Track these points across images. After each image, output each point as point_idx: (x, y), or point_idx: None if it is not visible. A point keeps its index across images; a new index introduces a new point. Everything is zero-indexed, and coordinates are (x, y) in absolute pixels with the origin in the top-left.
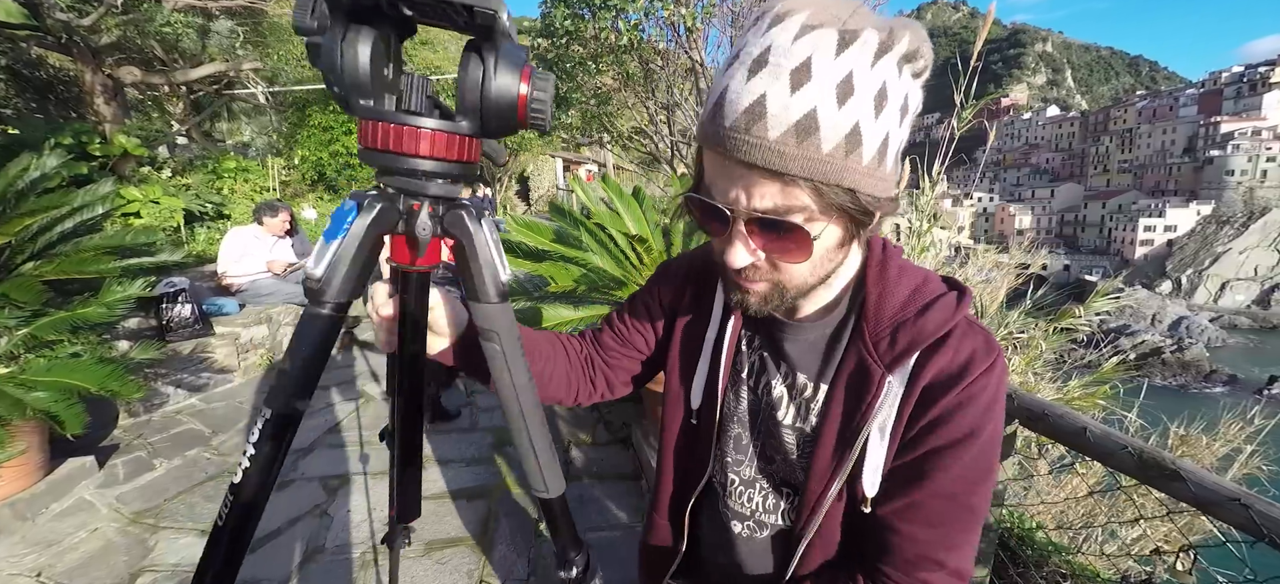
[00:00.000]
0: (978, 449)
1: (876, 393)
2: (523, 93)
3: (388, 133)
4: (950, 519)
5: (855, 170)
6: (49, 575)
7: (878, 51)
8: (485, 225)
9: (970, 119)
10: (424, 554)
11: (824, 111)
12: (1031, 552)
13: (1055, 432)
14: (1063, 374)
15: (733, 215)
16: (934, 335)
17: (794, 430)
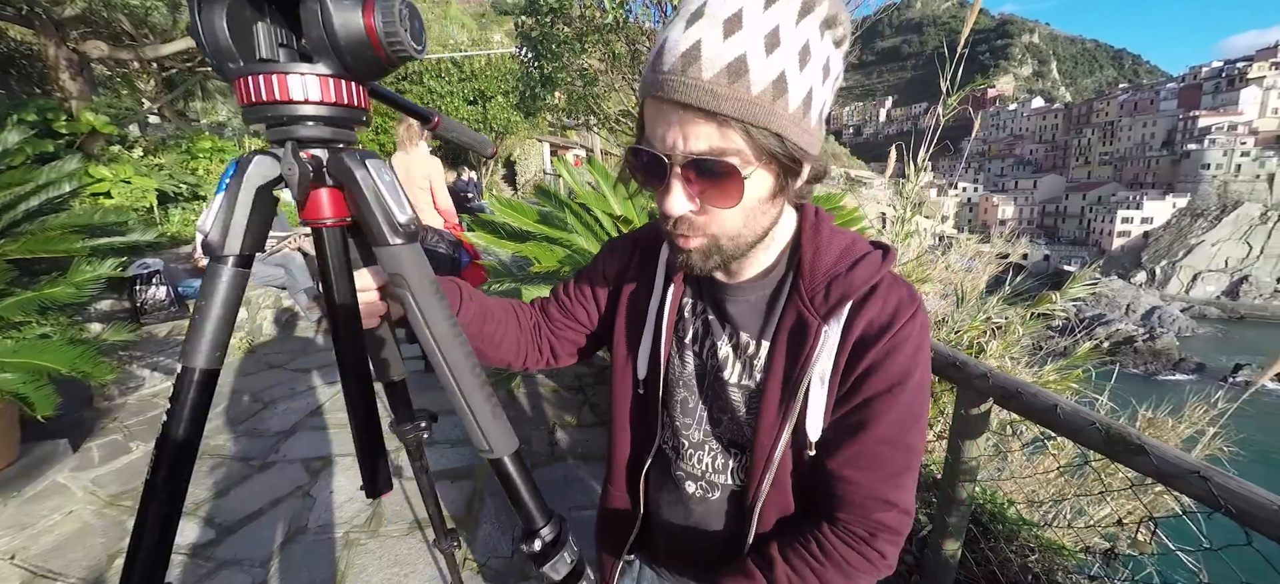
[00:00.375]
0: (910, 393)
1: (814, 343)
2: (370, 24)
3: (249, 85)
4: (892, 461)
5: (782, 116)
6: (23, 558)
7: (801, 11)
8: (373, 167)
9: (956, 107)
10: (408, 533)
11: (753, 57)
12: (1002, 527)
13: (1028, 409)
14: (1039, 359)
15: (670, 162)
16: (863, 287)
17: (741, 388)
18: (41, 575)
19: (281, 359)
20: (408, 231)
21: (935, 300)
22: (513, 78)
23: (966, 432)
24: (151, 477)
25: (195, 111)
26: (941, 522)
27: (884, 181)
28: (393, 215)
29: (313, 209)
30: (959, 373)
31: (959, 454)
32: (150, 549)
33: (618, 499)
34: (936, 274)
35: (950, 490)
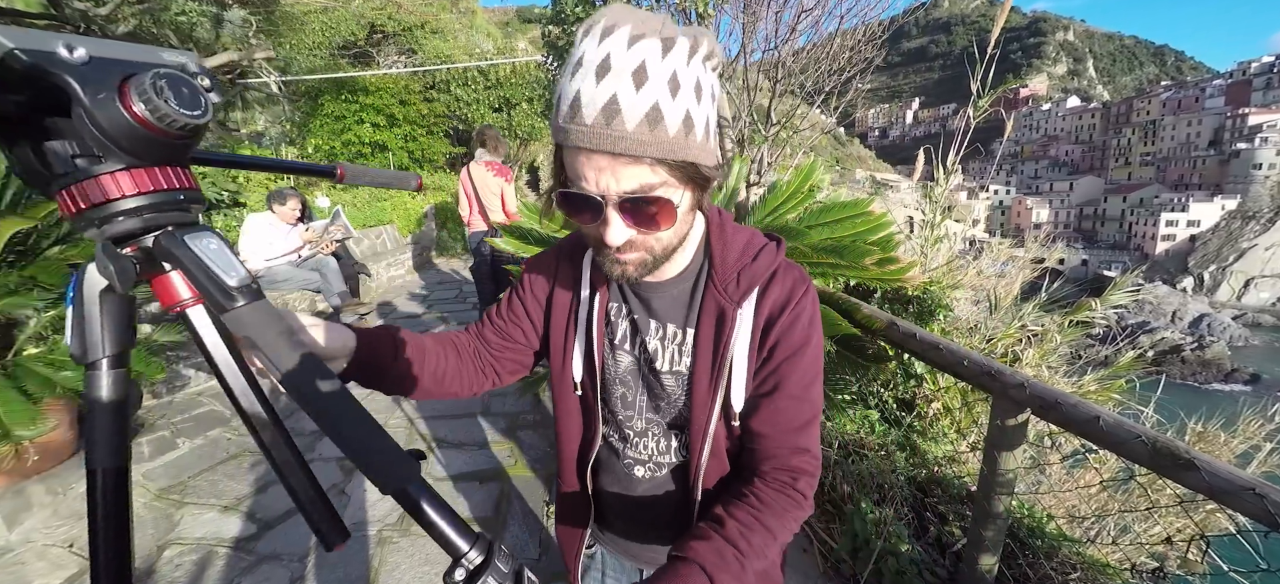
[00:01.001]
0: (810, 356)
1: (732, 325)
2: (132, 111)
3: (62, 200)
4: (800, 413)
5: (693, 146)
6: (80, 547)
7: (690, 52)
8: (193, 241)
9: (987, 109)
10: None
11: (664, 103)
12: (1042, 543)
13: (1068, 421)
14: (1078, 369)
15: (605, 201)
16: (765, 274)
17: (673, 374)
18: None
19: None
20: (245, 292)
21: (966, 307)
22: (538, 85)
23: (1002, 443)
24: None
25: (235, 122)
26: (977, 535)
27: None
28: (222, 282)
29: (168, 296)
30: (994, 382)
31: (995, 466)
32: None
33: (568, 488)
34: (967, 280)
35: (986, 503)
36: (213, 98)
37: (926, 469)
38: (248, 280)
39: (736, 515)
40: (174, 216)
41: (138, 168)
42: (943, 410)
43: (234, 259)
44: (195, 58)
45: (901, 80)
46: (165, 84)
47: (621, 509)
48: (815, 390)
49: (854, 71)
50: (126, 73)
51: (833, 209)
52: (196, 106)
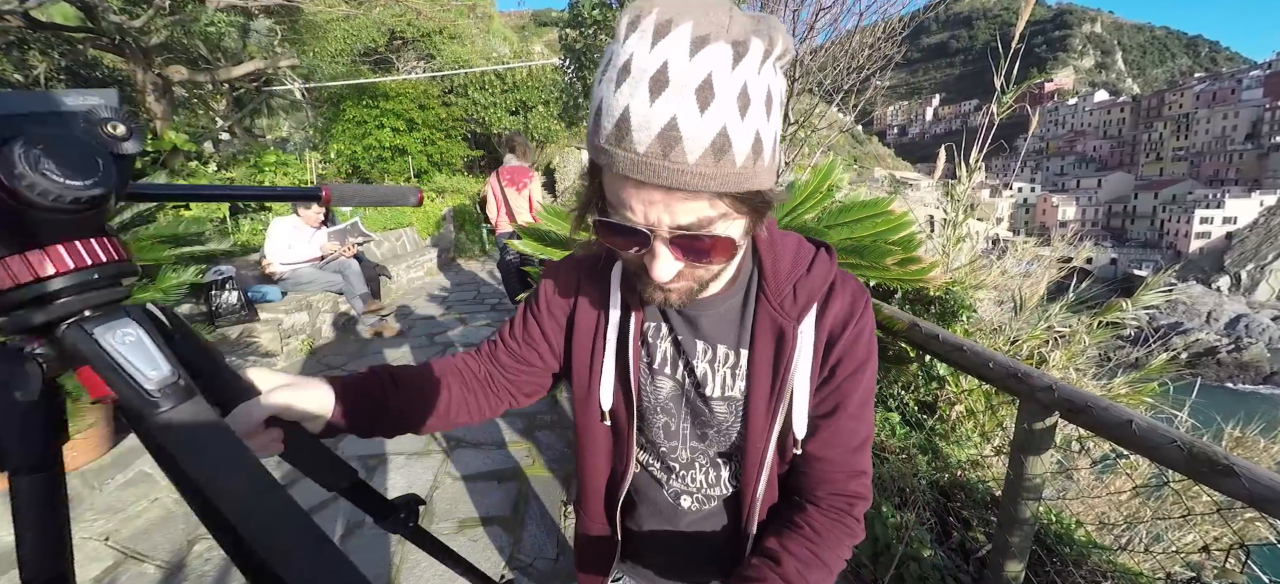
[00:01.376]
0: (870, 373)
1: (792, 345)
2: (10, 187)
3: None
4: (856, 433)
5: (762, 173)
6: (116, 540)
7: (763, 57)
8: (103, 333)
9: (1011, 105)
10: (457, 531)
11: (732, 127)
12: (1070, 549)
13: (1099, 425)
14: (1107, 371)
15: (654, 234)
16: (823, 287)
17: (725, 400)
18: (131, 556)
19: (340, 360)
20: (169, 393)
21: (990, 307)
22: (554, 88)
23: (1029, 447)
24: None
25: (261, 128)
26: (1002, 541)
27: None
28: (139, 383)
29: (98, 388)
30: (1020, 385)
31: (1021, 470)
32: None
33: (594, 527)
34: (991, 280)
35: (1012, 508)
36: (128, 148)
37: (949, 473)
38: (170, 379)
39: (793, 550)
40: (91, 298)
41: (35, 247)
42: (966, 414)
43: (156, 353)
44: (111, 97)
45: (921, 77)
46: (40, 152)
47: (663, 544)
48: (871, 408)
49: (873, 68)
50: (7, 133)
51: (852, 208)
52: (88, 174)
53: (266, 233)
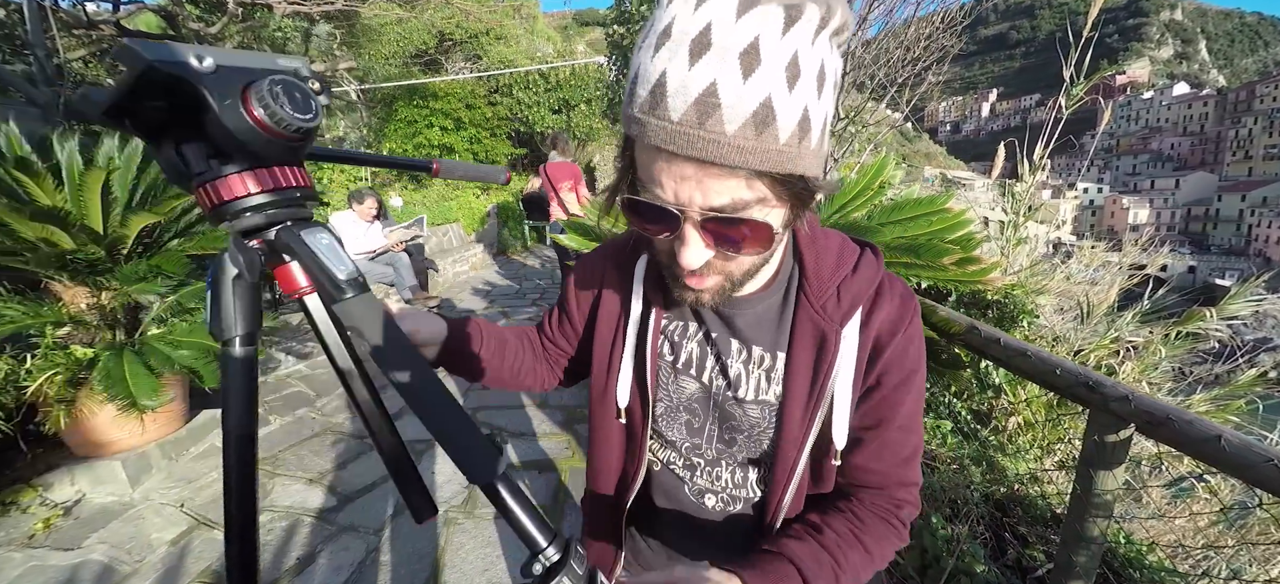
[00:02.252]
0: (919, 381)
1: (835, 349)
2: (253, 115)
3: (198, 196)
4: (906, 444)
5: (807, 155)
6: (189, 507)
7: (818, 27)
8: (308, 236)
9: (1081, 97)
10: (498, 518)
11: (778, 98)
12: (1140, 574)
13: (1181, 440)
14: (1185, 387)
15: (684, 215)
16: (870, 290)
17: (759, 404)
18: (202, 522)
19: None
20: (353, 285)
21: (1051, 315)
22: (597, 86)
23: (1100, 461)
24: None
25: (320, 128)
26: (1066, 560)
27: (986, 183)
28: (333, 275)
29: (289, 284)
30: (1093, 395)
31: (1089, 486)
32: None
33: (599, 531)
34: (1054, 285)
35: (1078, 526)
36: (322, 100)
37: (1006, 487)
38: (355, 274)
39: (835, 527)
40: (291, 212)
41: (259, 168)
42: (1024, 425)
43: (344, 254)
44: (306, 63)
45: (977, 71)
46: (280, 90)
47: (686, 529)
48: (920, 418)
49: (929, 61)
50: (247, 79)
51: (905, 206)
52: (308, 111)
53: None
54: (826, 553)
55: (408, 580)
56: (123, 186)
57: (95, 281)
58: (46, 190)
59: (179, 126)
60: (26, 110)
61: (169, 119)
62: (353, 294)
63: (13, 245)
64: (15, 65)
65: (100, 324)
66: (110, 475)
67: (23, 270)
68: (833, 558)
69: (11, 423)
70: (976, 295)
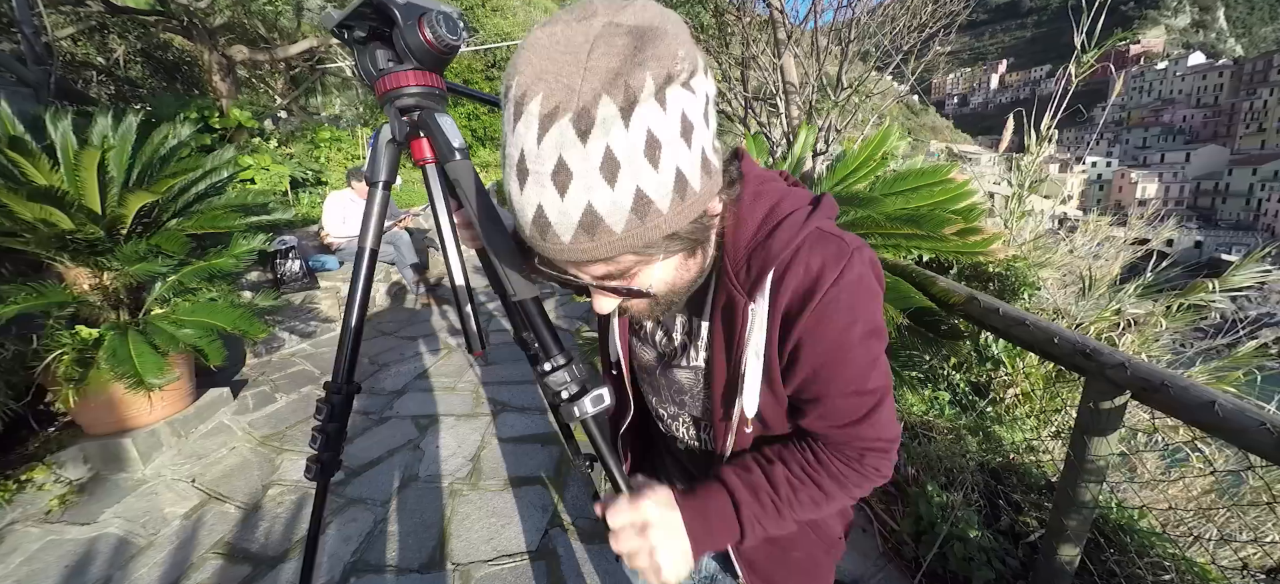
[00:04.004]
0: (857, 347)
1: (743, 321)
2: (424, 34)
3: (379, 84)
4: (860, 406)
5: (658, 224)
6: (201, 483)
7: (625, 108)
8: (441, 119)
9: (1092, 64)
10: (503, 488)
11: (598, 201)
12: (1131, 539)
13: (1176, 405)
14: (1184, 361)
15: (582, 282)
16: (781, 254)
17: (691, 369)
18: (214, 497)
19: (392, 327)
20: (461, 151)
21: (1054, 290)
22: None
23: (1095, 428)
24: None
25: (315, 106)
26: (1058, 524)
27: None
28: (451, 142)
29: (418, 151)
30: (1089, 362)
31: (1083, 452)
32: None
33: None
34: (1057, 259)
35: (1071, 491)
36: (464, 34)
37: (1001, 456)
38: (464, 145)
39: (790, 465)
40: (432, 103)
41: (420, 71)
42: (1022, 396)
43: (457, 132)
44: (457, 9)
45: (986, 40)
46: (442, 19)
47: (670, 457)
48: (875, 376)
49: (936, 26)
50: (421, 12)
51: (909, 177)
52: (456, 34)
53: (323, 206)
54: (768, 484)
55: (415, 549)
56: (119, 166)
57: (96, 262)
58: (42, 170)
59: (376, 39)
60: (17, 90)
61: (370, 34)
62: (459, 158)
63: (12, 226)
64: (2, 44)
65: (104, 304)
66: (122, 453)
67: (24, 252)
68: (773, 489)
69: (22, 403)
70: (978, 268)
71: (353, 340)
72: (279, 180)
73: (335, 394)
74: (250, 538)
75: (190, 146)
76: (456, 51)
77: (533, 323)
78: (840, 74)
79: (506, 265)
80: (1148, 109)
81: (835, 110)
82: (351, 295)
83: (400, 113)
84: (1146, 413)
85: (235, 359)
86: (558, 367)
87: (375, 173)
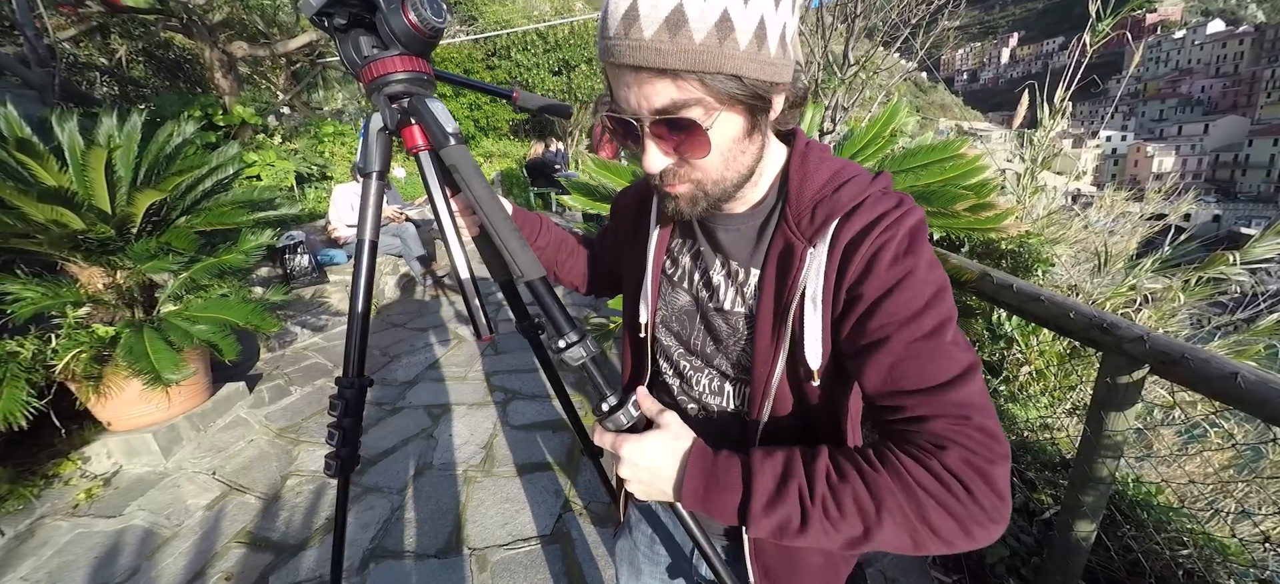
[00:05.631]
0: (919, 281)
1: (800, 264)
2: (408, 18)
3: (365, 72)
4: (933, 368)
5: (733, 56)
6: (221, 475)
7: None
8: (431, 105)
9: (1108, 32)
10: (516, 475)
11: (689, 4)
12: (1148, 515)
13: (1196, 378)
14: (1203, 335)
15: (639, 123)
16: (848, 205)
17: (733, 314)
18: (235, 488)
19: (402, 319)
20: (455, 136)
21: (1068, 266)
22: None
23: (1112, 403)
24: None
25: (317, 101)
26: (1073, 500)
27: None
28: (444, 127)
29: (410, 139)
30: (1106, 337)
31: (1100, 427)
32: None
33: None
34: (1071, 235)
35: (1087, 467)
36: (448, 15)
37: (1015, 435)
38: (457, 130)
39: (838, 461)
40: (421, 89)
41: (406, 56)
42: (1035, 375)
43: (449, 116)
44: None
45: (997, 14)
46: (425, 2)
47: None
48: (950, 335)
49: (944, 1)
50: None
51: (918, 153)
52: (440, 16)
53: (329, 200)
54: (802, 481)
55: (432, 535)
56: (126, 165)
57: (108, 261)
58: (51, 171)
59: (358, 25)
60: (22, 93)
61: (351, 20)
62: (454, 143)
63: (24, 227)
64: (5, 46)
65: (118, 302)
66: (144, 447)
67: (37, 253)
68: (810, 487)
69: (44, 400)
70: (990, 245)
71: (360, 333)
72: (284, 176)
73: (348, 389)
74: (271, 527)
75: (195, 144)
76: (441, 34)
77: (543, 303)
78: (846, 51)
79: (511, 246)
80: (1165, 79)
81: (841, 88)
82: (355, 288)
83: (389, 101)
84: (1164, 388)
85: (249, 354)
86: (572, 343)
87: (368, 163)
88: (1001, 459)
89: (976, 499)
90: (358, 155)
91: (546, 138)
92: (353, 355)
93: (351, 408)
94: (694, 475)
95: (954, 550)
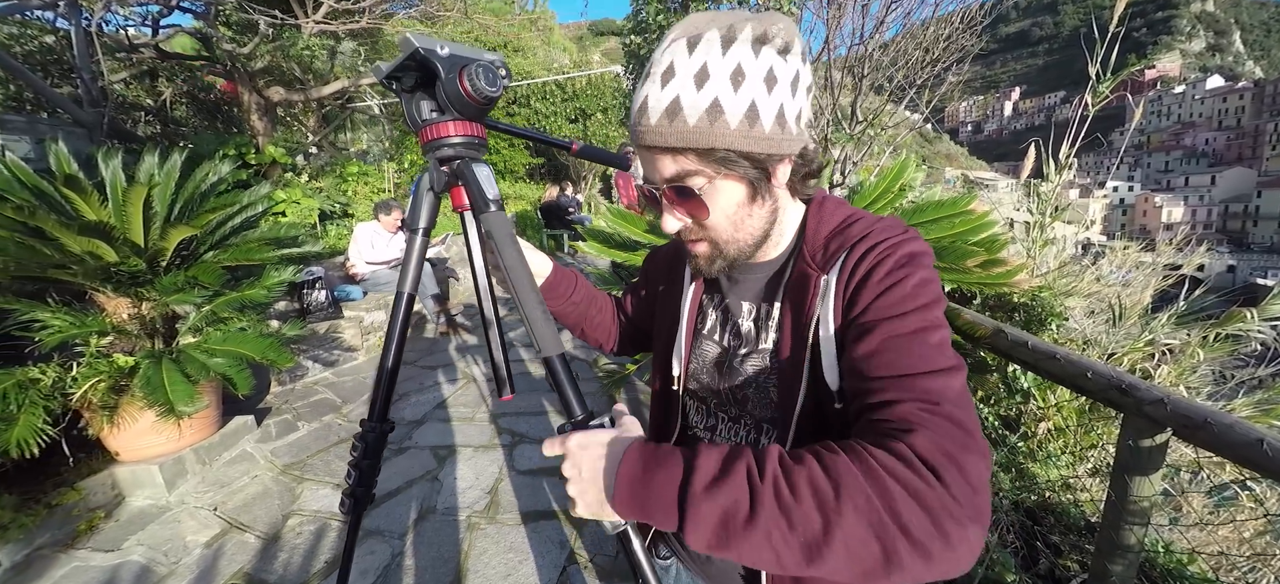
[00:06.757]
0: (909, 288)
1: (815, 292)
2: (464, 86)
3: (424, 133)
4: (912, 356)
5: (724, 134)
6: (222, 511)
7: (724, 42)
8: (477, 169)
9: (1108, 94)
10: (520, 523)
11: (685, 96)
12: None
13: (1220, 444)
14: (1226, 392)
15: (657, 191)
16: (858, 236)
17: (759, 353)
18: (235, 526)
19: (412, 357)
20: (495, 202)
21: (1081, 319)
22: (613, 94)
23: (1135, 467)
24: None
25: (344, 141)
26: (1101, 569)
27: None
28: (485, 194)
29: (456, 199)
30: (1126, 398)
31: (1125, 493)
32: None
33: None
34: (1084, 287)
35: (1113, 534)
36: (505, 82)
37: (1036, 494)
38: (498, 197)
39: (794, 451)
40: (471, 152)
41: (459, 121)
42: (1054, 431)
43: (494, 182)
44: (500, 57)
45: (998, 69)
46: (480, 72)
47: None
48: (937, 337)
49: (949, 61)
50: (463, 64)
51: (927, 209)
52: (494, 86)
53: (351, 237)
54: (750, 454)
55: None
56: (162, 201)
57: (136, 293)
58: (93, 206)
59: (420, 88)
60: (73, 130)
61: (416, 84)
62: (493, 210)
63: (62, 259)
64: (62, 87)
65: (140, 333)
66: (148, 479)
67: (71, 282)
68: (759, 463)
69: (57, 429)
70: (1002, 298)
71: (388, 379)
72: (309, 213)
73: (370, 432)
74: (269, 568)
75: (228, 182)
76: (495, 101)
77: (557, 379)
78: (854, 107)
79: (535, 318)
80: (1167, 132)
81: (850, 142)
82: (389, 337)
83: (440, 163)
84: (1190, 449)
85: (260, 386)
86: (583, 420)
87: (415, 220)
88: (975, 452)
89: (948, 486)
90: (408, 212)
91: (562, 182)
92: (380, 399)
93: (371, 450)
94: (632, 458)
95: (929, 562)
